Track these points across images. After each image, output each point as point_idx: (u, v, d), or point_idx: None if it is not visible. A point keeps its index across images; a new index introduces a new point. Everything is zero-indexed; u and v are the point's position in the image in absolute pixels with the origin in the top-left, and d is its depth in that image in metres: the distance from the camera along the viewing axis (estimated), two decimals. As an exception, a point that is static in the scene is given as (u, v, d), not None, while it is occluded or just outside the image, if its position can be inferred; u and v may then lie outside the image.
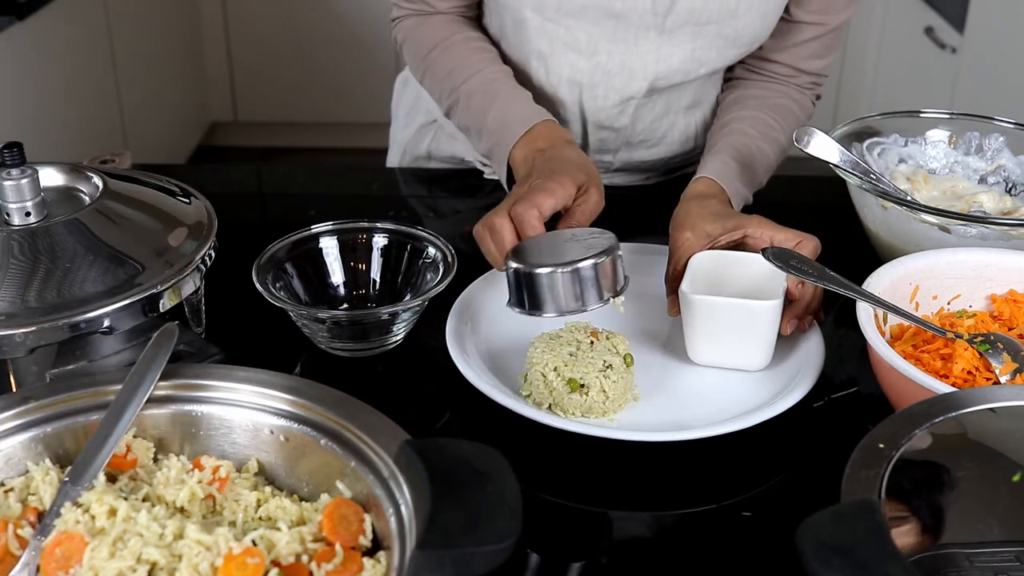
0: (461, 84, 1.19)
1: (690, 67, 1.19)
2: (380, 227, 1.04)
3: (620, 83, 1.21)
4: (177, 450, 0.75)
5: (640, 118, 1.26)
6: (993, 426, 0.73)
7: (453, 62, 1.21)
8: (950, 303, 0.97)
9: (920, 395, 0.77)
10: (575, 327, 0.95)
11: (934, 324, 0.91)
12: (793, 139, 1.11)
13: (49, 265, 0.83)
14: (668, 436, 0.85)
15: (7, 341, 0.78)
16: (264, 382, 0.75)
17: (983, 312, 0.96)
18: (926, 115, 1.23)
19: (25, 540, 0.67)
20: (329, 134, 3.67)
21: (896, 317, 0.92)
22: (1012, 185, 1.19)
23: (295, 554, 0.66)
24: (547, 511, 0.83)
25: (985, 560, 0.62)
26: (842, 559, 0.57)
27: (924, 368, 0.86)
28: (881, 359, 0.83)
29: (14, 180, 0.85)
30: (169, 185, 0.97)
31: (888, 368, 0.83)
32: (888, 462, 0.67)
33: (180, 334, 0.78)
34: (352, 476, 0.70)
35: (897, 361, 0.82)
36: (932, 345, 0.90)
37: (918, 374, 0.81)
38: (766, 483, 0.86)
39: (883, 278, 0.94)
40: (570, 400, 0.88)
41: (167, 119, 3.29)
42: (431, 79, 1.24)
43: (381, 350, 0.99)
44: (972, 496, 0.68)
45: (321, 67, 3.56)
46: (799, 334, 0.97)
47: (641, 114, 1.25)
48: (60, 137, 2.55)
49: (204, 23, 3.53)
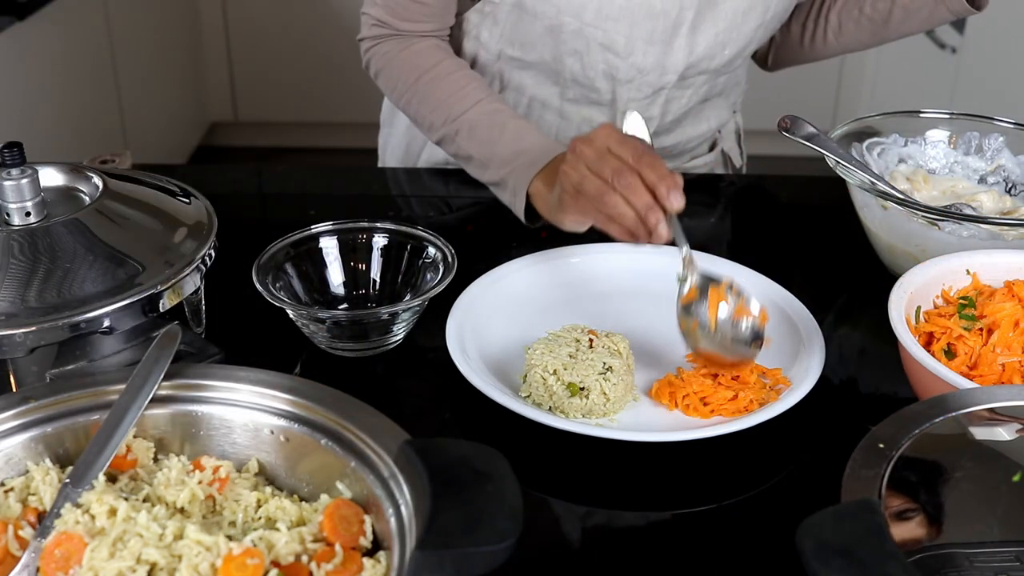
0: (461, 114, 1.18)
1: (715, 51, 1.22)
2: (380, 227, 1.04)
3: (653, 78, 1.24)
4: (177, 450, 0.75)
5: (669, 111, 1.29)
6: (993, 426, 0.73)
7: (448, 90, 1.20)
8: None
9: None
10: (574, 327, 0.95)
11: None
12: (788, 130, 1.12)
13: (49, 265, 0.83)
14: (668, 436, 0.85)
15: (7, 341, 0.78)
16: (264, 382, 0.74)
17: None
18: (926, 115, 1.23)
19: (25, 541, 0.67)
20: (329, 134, 3.66)
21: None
22: (1012, 185, 1.19)
23: (295, 554, 0.66)
24: (547, 511, 0.83)
25: (985, 560, 0.62)
26: (842, 559, 0.57)
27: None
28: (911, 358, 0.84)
29: (14, 180, 0.85)
30: (169, 185, 0.97)
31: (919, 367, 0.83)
32: (888, 462, 0.67)
33: (180, 334, 0.78)
34: (352, 476, 0.70)
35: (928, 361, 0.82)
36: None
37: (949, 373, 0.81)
38: (766, 483, 0.86)
39: (916, 278, 0.94)
40: (570, 404, 0.88)
41: (167, 119, 3.29)
42: (421, 106, 1.22)
43: (381, 350, 0.99)
44: (972, 496, 0.68)
45: (321, 67, 3.56)
46: (799, 334, 0.97)
47: (671, 107, 1.29)
48: (60, 137, 2.55)
49: (204, 23, 3.53)
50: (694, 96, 1.29)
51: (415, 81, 1.22)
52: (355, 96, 3.54)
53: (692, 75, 1.25)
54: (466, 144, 1.18)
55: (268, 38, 3.54)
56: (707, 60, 1.23)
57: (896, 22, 1.28)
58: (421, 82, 1.21)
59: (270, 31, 3.52)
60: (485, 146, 1.16)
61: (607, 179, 0.94)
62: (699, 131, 1.36)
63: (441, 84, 1.20)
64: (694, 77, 1.26)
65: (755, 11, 1.20)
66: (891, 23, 1.28)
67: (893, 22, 1.28)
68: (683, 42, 1.20)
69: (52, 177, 0.93)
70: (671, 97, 1.27)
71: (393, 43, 1.24)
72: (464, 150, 1.19)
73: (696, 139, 1.37)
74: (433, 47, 1.24)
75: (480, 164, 1.17)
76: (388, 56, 1.25)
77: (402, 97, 1.24)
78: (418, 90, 1.22)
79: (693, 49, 1.21)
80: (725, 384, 0.91)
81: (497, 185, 1.16)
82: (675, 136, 1.34)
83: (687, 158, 1.41)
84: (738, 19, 1.20)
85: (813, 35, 1.36)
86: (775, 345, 0.97)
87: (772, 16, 1.22)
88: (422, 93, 1.21)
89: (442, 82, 1.20)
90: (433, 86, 1.20)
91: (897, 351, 0.89)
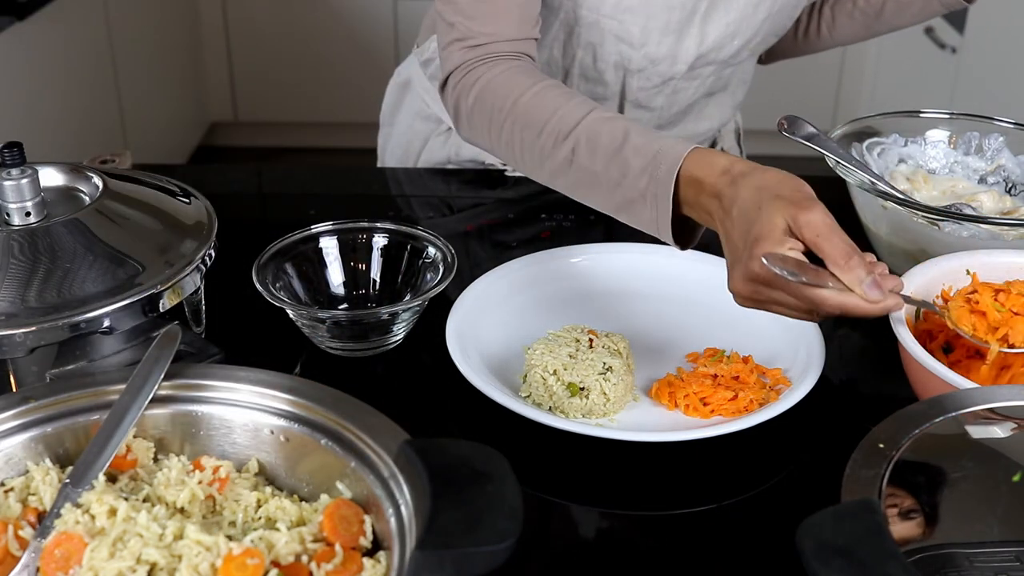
0: (574, 127, 0.96)
1: (724, 41, 1.22)
2: (380, 227, 1.04)
3: (664, 68, 1.23)
4: (177, 450, 0.75)
5: (675, 102, 1.28)
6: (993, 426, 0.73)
7: (553, 105, 0.99)
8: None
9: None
10: (574, 327, 0.95)
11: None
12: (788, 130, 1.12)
13: (49, 265, 0.83)
14: (668, 436, 0.85)
15: (7, 341, 0.78)
16: (264, 382, 0.74)
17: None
18: (926, 115, 1.23)
19: (25, 541, 0.67)
20: (329, 134, 3.67)
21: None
22: (1012, 185, 1.19)
23: (295, 554, 0.66)
24: (547, 511, 0.83)
25: (985, 560, 0.62)
26: (842, 559, 0.57)
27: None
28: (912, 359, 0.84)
29: (14, 180, 0.85)
30: (169, 185, 0.97)
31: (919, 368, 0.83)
32: (888, 462, 0.67)
33: (180, 334, 0.78)
34: (352, 476, 0.70)
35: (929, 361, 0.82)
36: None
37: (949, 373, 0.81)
38: (766, 483, 0.86)
39: (916, 278, 0.94)
40: (570, 404, 0.88)
41: (167, 119, 3.29)
42: (525, 132, 1.00)
43: (381, 350, 0.99)
44: (972, 496, 0.68)
45: (321, 67, 3.56)
46: (799, 334, 0.97)
47: (677, 98, 1.28)
48: (60, 137, 2.55)
49: (204, 23, 3.53)
50: (700, 88, 1.29)
51: (516, 99, 1.01)
52: (355, 96, 3.54)
53: (700, 65, 1.25)
54: (588, 161, 0.95)
55: (268, 38, 3.54)
56: (716, 50, 1.23)
57: (889, 15, 1.29)
58: (522, 101, 1.01)
59: (270, 31, 3.53)
60: (613, 158, 0.94)
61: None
62: (701, 128, 1.36)
63: (541, 99, 1.00)
64: (702, 68, 1.25)
65: (765, 2, 1.20)
66: (884, 16, 1.29)
67: (886, 15, 1.29)
68: (695, 31, 1.20)
69: (52, 177, 0.93)
70: (678, 88, 1.27)
71: (487, 65, 1.05)
72: (587, 169, 0.95)
73: (698, 137, 1.37)
74: (529, 68, 1.06)
75: (610, 183, 0.94)
76: (486, 78, 1.04)
77: (495, 121, 1.03)
78: (519, 108, 1.01)
79: (704, 39, 1.21)
80: (725, 384, 0.91)
81: (633, 204, 0.93)
82: (677, 131, 1.34)
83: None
84: (749, 9, 1.20)
85: (807, 29, 1.36)
86: (775, 345, 0.97)
87: (779, 9, 1.22)
88: (524, 111, 1.00)
89: (541, 97, 1.00)
90: (535, 102, 1.00)
91: (897, 351, 0.89)
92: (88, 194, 0.92)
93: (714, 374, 0.92)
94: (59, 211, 0.88)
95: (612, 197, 0.94)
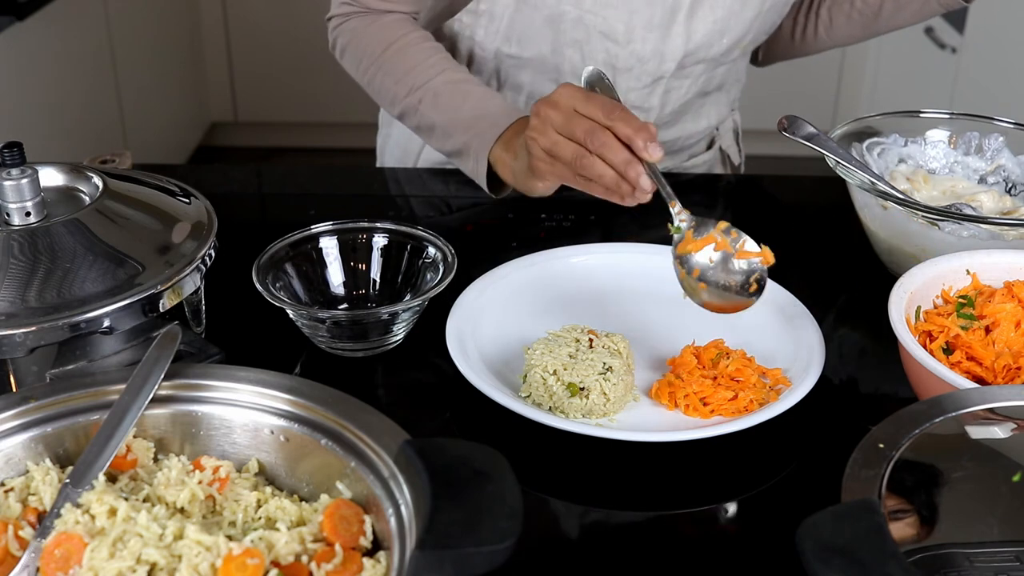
0: (426, 82, 1.17)
1: (713, 39, 1.22)
2: (380, 227, 1.04)
3: (652, 67, 1.24)
4: (177, 450, 0.75)
5: (668, 101, 1.29)
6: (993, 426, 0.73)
7: (413, 60, 1.18)
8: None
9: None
10: (574, 327, 0.95)
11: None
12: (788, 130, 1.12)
13: (49, 265, 0.83)
14: (668, 436, 0.85)
15: (7, 341, 0.78)
16: (264, 382, 0.75)
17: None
18: (926, 115, 1.23)
19: (25, 541, 0.67)
20: (329, 134, 3.67)
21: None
22: (1012, 185, 1.19)
23: (295, 554, 0.66)
24: (547, 511, 0.83)
25: (985, 560, 0.62)
26: (842, 559, 0.57)
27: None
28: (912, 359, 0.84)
29: (14, 180, 0.85)
30: (169, 185, 0.97)
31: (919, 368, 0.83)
32: (888, 462, 0.67)
33: (180, 334, 0.78)
34: (352, 476, 0.70)
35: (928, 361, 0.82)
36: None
37: (949, 373, 0.81)
38: (766, 483, 0.86)
39: (916, 278, 0.94)
40: (570, 404, 0.88)
41: (167, 119, 3.29)
42: (386, 77, 1.20)
43: (381, 350, 0.99)
44: (972, 496, 0.69)
45: (321, 67, 3.55)
46: (799, 334, 0.97)
47: (670, 97, 1.28)
48: (60, 137, 2.55)
49: (204, 23, 3.53)
50: (692, 87, 1.29)
51: (381, 52, 1.19)
52: (355, 96, 3.51)
53: (690, 64, 1.25)
54: (429, 113, 1.16)
55: (268, 38, 3.54)
56: (705, 48, 1.23)
57: (887, 15, 1.29)
58: (387, 53, 1.19)
59: (270, 31, 3.53)
60: (448, 113, 1.14)
61: (580, 140, 0.94)
62: (699, 127, 1.36)
63: (406, 54, 1.18)
64: (692, 66, 1.26)
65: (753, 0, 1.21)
66: (882, 16, 1.29)
67: (884, 15, 1.29)
68: (681, 28, 1.20)
69: (52, 177, 0.93)
70: (670, 87, 1.27)
71: (360, 19, 1.23)
72: (427, 119, 1.17)
73: (695, 136, 1.37)
74: (401, 20, 1.22)
75: (443, 132, 1.16)
76: (355, 30, 1.23)
77: (367, 70, 1.22)
78: (384, 61, 1.19)
79: (691, 36, 1.21)
80: (725, 384, 0.91)
81: (460, 154, 1.14)
82: (675, 131, 1.34)
83: (685, 156, 1.41)
84: (736, 7, 1.20)
85: (804, 30, 1.36)
86: (775, 345, 0.97)
87: (770, 7, 1.22)
88: (388, 63, 1.19)
89: (407, 51, 1.18)
90: (399, 56, 1.18)
91: (897, 351, 0.89)
92: (88, 194, 0.92)
93: (714, 375, 0.92)
94: (59, 211, 0.88)
95: (444, 145, 1.17)
